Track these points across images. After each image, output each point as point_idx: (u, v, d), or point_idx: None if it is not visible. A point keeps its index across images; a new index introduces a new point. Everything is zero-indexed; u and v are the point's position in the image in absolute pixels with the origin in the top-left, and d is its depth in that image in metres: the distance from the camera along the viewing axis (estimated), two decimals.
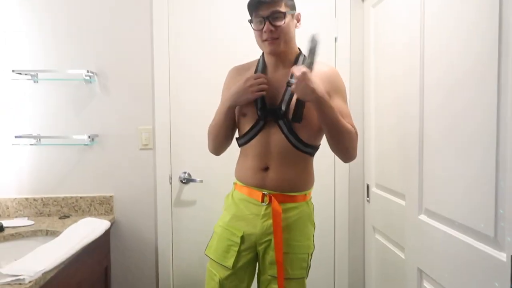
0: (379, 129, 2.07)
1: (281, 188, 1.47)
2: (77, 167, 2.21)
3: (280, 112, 1.44)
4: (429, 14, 1.43)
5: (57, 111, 2.18)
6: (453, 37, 1.27)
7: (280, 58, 1.49)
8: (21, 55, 2.15)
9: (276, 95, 1.46)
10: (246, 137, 1.51)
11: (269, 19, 1.38)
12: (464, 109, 1.21)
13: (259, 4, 1.38)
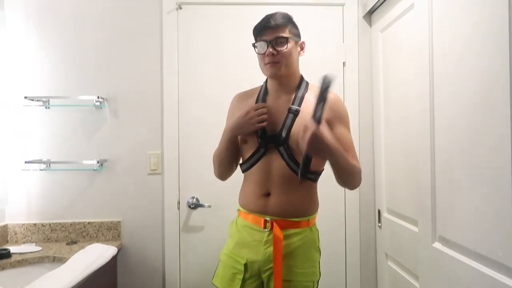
0: (390, 154, 2.05)
1: (283, 214, 1.46)
2: (86, 192, 2.21)
3: (281, 139, 1.44)
4: (438, 38, 1.42)
5: (67, 136, 2.20)
6: (462, 60, 1.26)
7: (282, 83, 1.50)
8: (33, 82, 2.19)
9: (277, 122, 1.47)
10: (247, 164, 1.52)
11: (272, 43, 1.41)
12: (478, 133, 1.19)
13: (263, 28, 1.43)
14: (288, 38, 1.43)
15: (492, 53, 1.11)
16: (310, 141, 1.24)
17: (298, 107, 1.46)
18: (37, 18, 2.20)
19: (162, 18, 2.23)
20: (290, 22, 1.48)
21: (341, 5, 2.27)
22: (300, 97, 1.48)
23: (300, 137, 1.28)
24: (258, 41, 1.46)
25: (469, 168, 1.23)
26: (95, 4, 2.22)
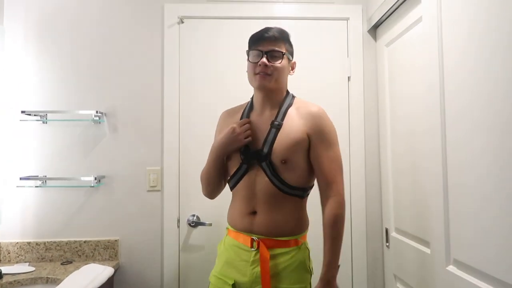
0: (397, 170, 1.98)
1: (270, 233, 1.41)
2: (82, 209, 2.13)
3: (262, 154, 1.41)
4: (449, 51, 1.37)
5: (64, 152, 2.14)
6: (474, 73, 1.20)
7: (268, 97, 1.48)
8: (30, 96, 2.14)
9: (260, 137, 1.45)
10: (232, 181, 1.50)
11: (267, 54, 1.40)
12: (493, 151, 1.12)
13: (261, 38, 1.42)
14: (284, 54, 1.43)
15: (504, 66, 1.06)
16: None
17: (280, 121, 1.44)
18: (36, 32, 2.16)
19: (164, 32, 2.20)
20: (288, 39, 1.48)
21: (345, 19, 2.24)
22: (283, 112, 1.46)
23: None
24: (252, 49, 1.45)
25: (484, 188, 1.16)
26: (95, 18, 2.19)
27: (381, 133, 2.17)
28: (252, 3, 2.23)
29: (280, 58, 1.42)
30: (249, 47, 1.48)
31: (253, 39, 1.45)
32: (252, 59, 1.44)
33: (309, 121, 1.43)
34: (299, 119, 1.44)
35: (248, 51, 1.47)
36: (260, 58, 1.40)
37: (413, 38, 1.75)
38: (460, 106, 1.30)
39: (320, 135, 1.43)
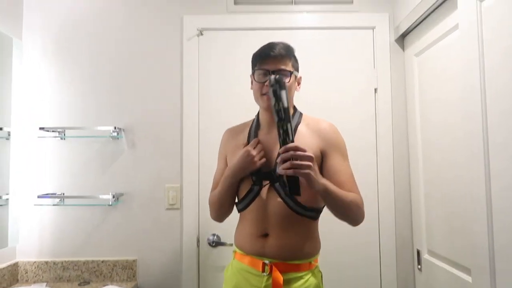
0: (430, 189, 1.85)
1: (282, 256, 1.35)
2: (100, 228, 2.08)
3: (275, 175, 1.33)
4: (490, 58, 1.25)
5: (82, 169, 2.09)
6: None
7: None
8: (48, 112, 2.11)
9: (270, 157, 1.38)
10: (243, 203, 1.43)
11: (274, 73, 1.33)
12: None
13: (266, 57, 1.37)
14: (291, 72, 1.37)
15: None
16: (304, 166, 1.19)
17: (292, 139, 1.34)
18: (55, 47, 2.14)
19: (183, 45, 2.14)
20: (293, 55, 1.42)
21: (371, 28, 2.14)
22: (293, 128, 1.37)
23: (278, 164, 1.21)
24: (258, 69, 1.39)
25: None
26: (114, 32, 2.15)
27: (411, 149, 2.05)
28: (273, 13, 2.16)
29: (288, 77, 1.36)
30: (253, 65, 1.42)
31: (258, 57, 1.40)
32: (258, 78, 1.39)
33: (322, 137, 1.39)
34: (310, 136, 1.39)
35: (253, 70, 1.42)
36: (266, 78, 1.34)
37: (448, 47, 1.64)
38: (502, 111, 1.18)
39: (336, 148, 1.39)
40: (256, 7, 2.17)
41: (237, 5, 2.18)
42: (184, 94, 2.12)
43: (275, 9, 2.16)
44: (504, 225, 1.19)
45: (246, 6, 2.17)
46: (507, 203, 1.17)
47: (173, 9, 2.17)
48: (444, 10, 1.65)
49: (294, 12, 2.16)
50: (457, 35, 1.48)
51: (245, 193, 1.41)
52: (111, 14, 2.16)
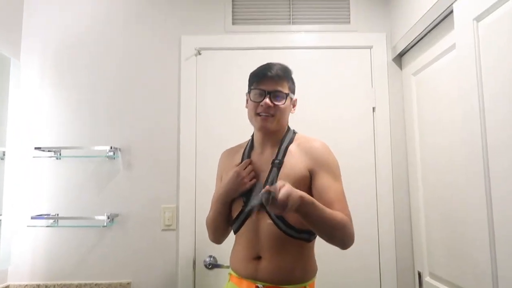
0: (431, 210, 1.82)
1: (276, 280, 1.31)
2: (94, 250, 2.03)
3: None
4: (488, 79, 1.24)
5: (77, 189, 2.06)
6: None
7: (269, 136, 1.42)
8: (44, 132, 2.09)
9: (261, 177, 1.37)
10: (235, 224, 1.41)
11: (270, 94, 1.33)
12: None
13: (264, 77, 1.35)
14: (288, 94, 1.37)
15: None
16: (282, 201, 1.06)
17: (281, 160, 1.36)
18: (53, 67, 2.14)
19: (180, 64, 2.14)
20: (290, 77, 1.42)
21: (369, 47, 2.14)
22: (284, 149, 1.39)
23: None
24: (254, 88, 1.37)
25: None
26: (113, 52, 2.16)
27: (410, 169, 2.03)
28: (271, 33, 2.17)
29: (284, 98, 1.36)
30: (250, 84, 1.41)
31: (255, 77, 1.39)
32: (254, 98, 1.37)
33: (311, 156, 1.35)
34: (300, 155, 1.36)
35: (250, 89, 1.40)
36: (262, 98, 1.34)
37: (446, 66, 1.63)
38: (503, 136, 1.16)
39: (326, 167, 1.33)
40: (254, 27, 2.18)
41: (235, 25, 2.19)
42: (181, 113, 2.11)
43: (273, 29, 2.18)
44: (508, 249, 1.16)
45: (244, 26, 2.19)
46: (509, 227, 1.14)
47: (171, 29, 2.18)
48: (441, 30, 1.65)
49: (292, 32, 2.17)
50: (454, 55, 1.48)
51: (237, 214, 1.39)
52: (110, 34, 2.17)
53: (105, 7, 2.19)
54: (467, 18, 1.34)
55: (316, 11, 2.19)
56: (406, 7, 1.94)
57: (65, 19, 2.17)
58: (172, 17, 2.18)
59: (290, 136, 1.43)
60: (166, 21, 2.18)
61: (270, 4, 2.20)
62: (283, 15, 2.19)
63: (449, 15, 1.53)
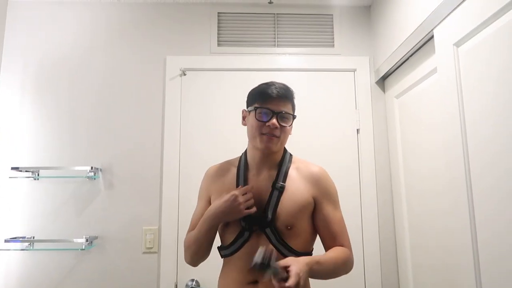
0: (416, 232, 1.81)
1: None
2: (71, 274, 1.95)
3: (266, 220, 1.27)
4: (470, 103, 1.26)
5: (55, 210, 2.00)
6: (500, 126, 1.09)
7: (268, 158, 1.36)
8: (22, 152, 2.04)
9: (261, 200, 1.30)
10: (230, 249, 1.33)
11: (277, 115, 1.29)
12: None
13: (271, 97, 1.30)
14: (294, 116, 1.35)
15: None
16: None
17: (283, 183, 1.32)
18: (34, 85, 2.11)
19: (165, 84, 2.13)
20: (293, 98, 1.38)
21: (352, 70, 2.18)
22: (284, 172, 1.34)
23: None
24: (260, 107, 1.30)
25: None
26: (96, 71, 2.14)
27: (394, 190, 2.03)
28: (256, 55, 2.18)
29: (290, 120, 1.32)
30: (252, 101, 1.35)
31: (260, 95, 1.32)
32: (260, 117, 1.30)
33: (315, 183, 1.33)
34: (302, 182, 1.33)
35: (254, 107, 1.32)
36: (269, 118, 1.28)
37: (427, 89, 1.66)
38: (485, 159, 1.17)
39: (328, 196, 1.34)
40: (239, 49, 2.20)
41: (220, 46, 2.20)
42: (165, 133, 2.09)
43: (258, 51, 2.19)
44: (492, 275, 1.15)
45: (229, 48, 2.20)
46: (494, 251, 1.14)
47: (156, 50, 2.17)
48: (423, 54, 1.68)
49: (277, 54, 2.20)
50: (436, 79, 1.51)
51: (234, 238, 1.31)
52: (93, 53, 2.15)
53: (88, 27, 2.18)
54: (447, 43, 1.37)
55: (300, 34, 2.23)
56: (388, 32, 1.99)
57: (46, 39, 2.15)
58: (157, 37, 2.19)
59: (288, 158, 1.39)
60: (151, 41, 2.18)
61: (255, 27, 2.23)
62: (268, 37, 2.22)
63: (430, 40, 1.57)
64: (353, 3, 2.24)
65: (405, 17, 1.78)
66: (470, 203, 1.25)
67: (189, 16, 2.22)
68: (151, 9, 2.21)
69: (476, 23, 1.21)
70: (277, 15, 2.24)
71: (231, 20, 2.23)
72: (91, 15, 2.19)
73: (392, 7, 1.94)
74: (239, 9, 2.23)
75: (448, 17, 1.37)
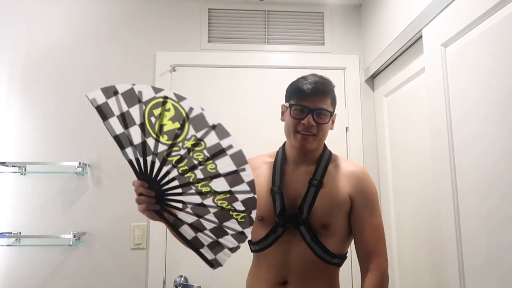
0: (401, 229, 1.84)
1: None
2: (59, 271, 1.94)
3: (301, 218, 1.23)
4: (456, 103, 1.28)
5: (42, 206, 1.98)
6: (484, 126, 1.11)
7: (304, 154, 1.30)
8: (8, 147, 2.01)
9: (297, 197, 1.26)
10: (261, 244, 1.28)
11: (313, 112, 1.22)
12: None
13: (306, 93, 1.22)
14: (332, 113, 1.27)
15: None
16: None
17: (320, 180, 1.26)
18: (21, 80, 2.07)
19: (155, 81, 2.12)
20: (333, 92, 1.30)
21: (342, 68, 2.19)
22: (323, 168, 1.28)
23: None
24: (295, 104, 1.24)
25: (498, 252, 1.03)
26: (84, 66, 2.11)
27: (382, 186, 2.05)
28: (246, 52, 2.18)
29: (328, 117, 1.25)
30: (289, 97, 1.28)
31: (296, 91, 1.25)
32: (295, 114, 1.24)
33: (352, 182, 1.27)
34: (340, 179, 1.28)
35: (289, 103, 1.27)
36: (304, 115, 1.22)
37: (415, 89, 1.68)
38: (470, 157, 1.20)
39: (364, 198, 1.27)
40: (230, 45, 2.19)
41: (211, 42, 2.19)
42: None
43: (248, 48, 2.19)
44: (474, 267, 1.18)
45: (219, 44, 2.19)
46: (478, 248, 1.17)
47: (146, 45, 2.16)
48: (411, 54, 1.70)
49: (267, 51, 2.20)
50: (424, 78, 1.52)
51: (266, 233, 1.26)
52: (80, 49, 2.13)
53: (76, 22, 2.15)
54: (436, 43, 1.39)
55: (291, 32, 2.23)
56: (378, 31, 2.00)
57: (33, 34, 2.12)
58: (147, 33, 2.17)
59: (328, 156, 1.33)
60: (140, 37, 2.16)
61: (246, 24, 2.22)
62: (258, 34, 2.22)
63: (419, 40, 1.58)
64: (344, 1, 2.25)
65: (395, 16, 1.79)
66: (455, 200, 1.27)
67: (180, 11, 2.20)
68: (141, 4, 2.19)
69: (464, 25, 1.22)
70: (268, 12, 2.24)
71: (221, 17, 2.22)
72: (79, 10, 2.16)
73: (382, 6, 1.95)
74: (230, 6, 2.22)
75: (436, 17, 1.39)
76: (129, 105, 0.98)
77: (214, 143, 0.97)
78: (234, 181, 1.00)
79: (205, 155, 0.98)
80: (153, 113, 0.98)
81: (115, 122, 1.00)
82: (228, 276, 1.80)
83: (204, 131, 0.97)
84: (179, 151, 0.99)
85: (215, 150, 0.98)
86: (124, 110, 0.99)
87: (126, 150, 1.03)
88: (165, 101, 0.97)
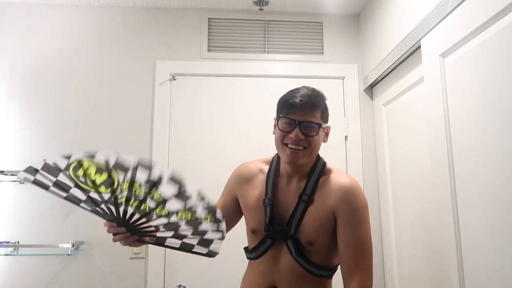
0: (401, 238, 1.84)
1: None
2: (57, 280, 1.93)
3: (288, 233, 1.24)
4: (455, 113, 1.29)
5: (41, 215, 1.97)
6: (482, 136, 1.12)
7: (296, 168, 1.28)
8: (8, 155, 2.01)
9: (286, 211, 1.27)
10: (255, 253, 1.32)
11: (301, 125, 1.20)
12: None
13: (293, 106, 1.20)
14: (320, 125, 1.23)
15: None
16: None
17: (308, 195, 1.25)
18: (20, 89, 2.08)
19: (155, 89, 2.13)
20: (323, 104, 1.28)
21: (341, 78, 2.20)
22: (313, 183, 1.26)
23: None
24: (283, 116, 1.23)
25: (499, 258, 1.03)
26: (84, 76, 2.12)
27: (381, 196, 2.06)
28: (245, 61, 2.19)
29: (316, 130, 1.21)
30: (279, 110, 1.26)
31: (284, 104, 1.23)
32: (283, 127, 1.22)
33: (337, 197, 1.23)
34: (328, 193, 1.25)
35: (278, 116, 1.26)
36: (292, 128, 1.20)
37: (414, 98, 1.69)
38: (469, 166, 1.20)
39: (349, 213, 1.22)
40: (229, 55, 2.21)
41: (211, 52, 2.21)
42: (154, 138, 2.08)
43: (248, 57, 2.21)
44: (475, 276, 1.18)
45: (219, 53, 2.21)
46: (478, 256, 1.17)
47: (146, 54, 2.17)
48: (410, 63, 1.71)
49: (267, 61, 2.21)
50: (422, 88, 1.53)
51: (257, 243, 1.29)
52: (81, 58, 2.14)
53: (77, 30, 2.17)
54: (434, 54, 1.40)
55: (290, 41, 2.25)
56: (377, 40, 2.02)
57: (34, 41, 2.13)
58: (147, 42, 2.18)
59: (320, 168, 1.30)
60: (141, 45, 2.18)
61: (245, 33, 2.24)
62: (258, 44, 2.24)
63: (417, 50, 1.60)
64: (343, 11, 2.27)
65: (393, 26, 1.81)
66: (454, 209, 1.27)
67: (180, 21, 2.22)
68: (141, 13, 2.21)
69: (462, 35, 1.24)
70: (268, 22, 2.25)
71: (221, 26, 2.24)
72: (80, 18, 2.17)
73: (380, 16, 1.97)
74: (230, 15, 2.24)
75: (434, 28, 1.40)
76: (54, 175, 1.03)
77: (145, 178, 1.02)
78: (183, 198, 1.05)
79: (145, 190, 1.03)
80: (77, 175, 1.03)
81: (55, 190, 1.05)
82: (227, 284, 1.79)
83: (131, 172, 1.02)
84: (122, 194, 1.04)
85: (150, 183, 1.02)
86: (54, 180, 1.04)
87: (82, 205, 1.08)
88: (81, 163, 1.03)
